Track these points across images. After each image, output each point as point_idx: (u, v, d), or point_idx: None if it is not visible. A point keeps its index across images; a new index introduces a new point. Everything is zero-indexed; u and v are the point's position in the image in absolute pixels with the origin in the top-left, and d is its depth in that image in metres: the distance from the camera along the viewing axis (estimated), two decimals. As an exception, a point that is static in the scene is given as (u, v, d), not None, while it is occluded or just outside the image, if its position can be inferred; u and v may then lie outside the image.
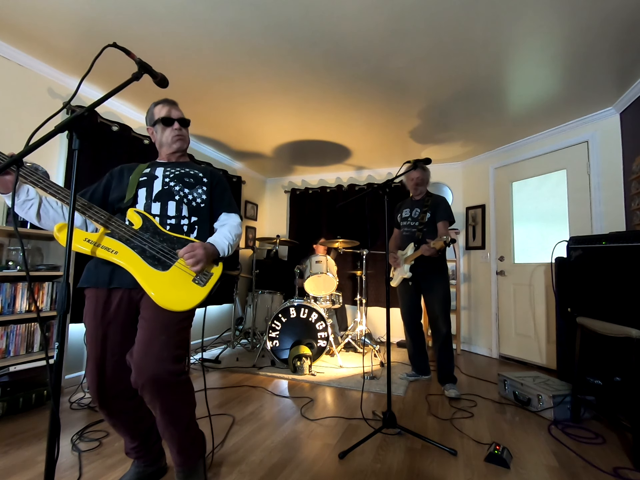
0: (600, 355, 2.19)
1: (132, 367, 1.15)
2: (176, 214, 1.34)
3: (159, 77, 1.19)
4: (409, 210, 2.80)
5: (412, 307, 2.77)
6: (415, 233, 2.69)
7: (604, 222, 2.88)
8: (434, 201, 2.70)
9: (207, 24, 2.01)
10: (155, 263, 1.21)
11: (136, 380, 1.14)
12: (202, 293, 1.23)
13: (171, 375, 1.16)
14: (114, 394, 1.24)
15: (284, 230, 5.20)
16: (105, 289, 1.24)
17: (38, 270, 2.22)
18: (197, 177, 1.44)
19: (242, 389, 2.57)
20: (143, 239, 1.24)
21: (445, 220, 2.63)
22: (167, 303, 1.17)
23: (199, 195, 1.41)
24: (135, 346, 1.18)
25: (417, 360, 2.83)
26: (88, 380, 1.22)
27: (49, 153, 2.54)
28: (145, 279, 1.18)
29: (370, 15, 1.91)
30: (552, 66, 2.34)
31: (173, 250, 1.26)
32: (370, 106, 2.97)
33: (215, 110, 3.12)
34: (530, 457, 1.70)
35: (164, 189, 1.35)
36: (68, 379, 2.53)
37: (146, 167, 1.41)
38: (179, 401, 1.21)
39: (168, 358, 1.16)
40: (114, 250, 1.19)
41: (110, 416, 1.27)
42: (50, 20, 2.01)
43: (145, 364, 1.13)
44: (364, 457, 1.66)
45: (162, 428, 1.22)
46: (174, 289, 1.19)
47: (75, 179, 0.91)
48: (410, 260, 2.63)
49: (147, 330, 1.19)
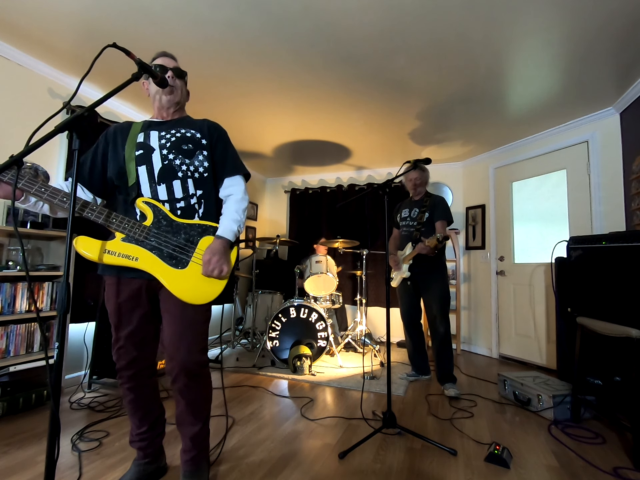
0: (600, 355, 2.19)
1: (165, 357, 1.26)
2: (184, 194, 1.31)
3: (159, 77, 1.19)
4: (408, 211, 2.81)
5: (411, 306, 2.77)
6: (413, 233, 2.70)
7: (604, 222, 2.88)
8: (433, 201, 2.72)
9: (206, 24, 2.01)
10: (174, 262, 1.25)
11: (171, 369, 1.26)
12: (221, 284, 1.29)
13: (199, 366, 1.27)
14: (135, 370, 1.32)
15: (284, 230, 5.20)
16: (125, 278, 1.28)
17: (38, 270, 2.22)
18: (195, 141, 1.36)
19: (242, 389, 2.57)
20: (157, 236, 1.25)
21: (444, 220, 2.64)
22: (191, 299, 1.24)
23: (200, 164, 1.35)
24: (166, 339, 1.27)
25: (416, 360, 2.83)
26: (114, 357, 1.32)
27: (49, 153, 2.54)
28: (169, 281, 1.23)
29: (370, 15, 1.91)
30: (552, 66, 2.34)
31: (187, 242, 1.28)
32: (370, 106, 2.97)
33: (215, 110, 3.12)
34: (530, 457, 1.70)
35: (165, 166, 1.29)
36: (68, 379, 2.53)
37: (139, 131, 1.34)
38: (202, 392, 1.33)
39: (197, 350, 1.27)
40: (134, 257, 1.22)
41: (131, 390, 1.33)
42: (50, 20, 2.01)
43: (179, 356, 1.24)
44: (364, 457, 1.66)
45: (183, 418, 1.32)
46: (195, 285, 1.25)
47: (75, 179, 0.91)
48: (408, 259, 2.65)
49: (175, 324, 1.26)
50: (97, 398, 2.31)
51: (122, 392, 1.36)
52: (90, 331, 2.62)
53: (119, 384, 1.36)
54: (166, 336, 1.27)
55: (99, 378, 2.52)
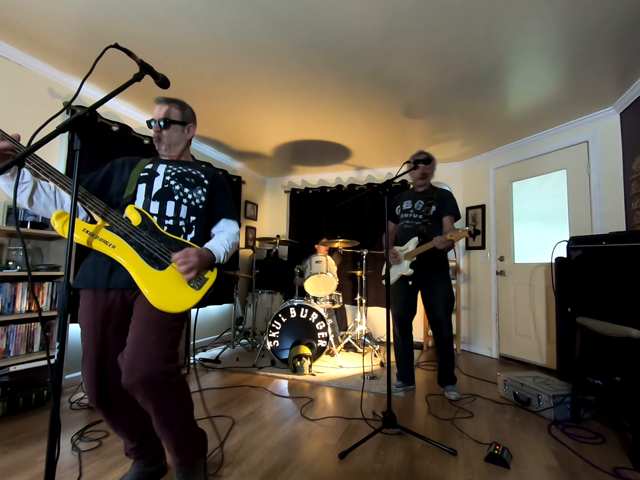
0: (600, 355, 2.19)
1: (122, 367, 1.14)
2: (174, 214, 1.33)
3: (160, 77, 1.19)
4: (411, 202, 2.59)
5: (408, 307, 2.56)
6: (419, 227, 2.48)
7: (604, 222, 2.88)
8: (440, 194, 2.53)
9: (207, 24, 2.01)
10: (152, 261, 1.21)
11: (126, 381, 1.12)
12: (196, 296, 1.23)
13: (163, 375, 1.14)
14: (110, 394, 1.23)
15: (284, 230, 5.20)
16: (101, 289, 1.23)
17: (38, 270, 2.22)
18: (199, 178, 1.43)
19: (242, 389, 2.57)
20: (141, 236, 1.23)
21: (452, 215, 2.46)
22: (160, 303, 1.16)
23: (198, 197, 1.40)
24: (126, 346, 1.17)
25: (404, 367, 2.61)
26: (84, 380, 1.21)
27: (49, 153, 2.53)
28: (141, 276, 1.17)
29: (370, 15, 1.91)
30: (552, 66, 2.34)
31: (170, 251, 1.25)
32: (370, 106, 2.97)
33: (215, 110, 3.12)
34: (530, 457, 1.70)
35: (164, 188, 1.34)
36: (68, 379, 2.53)
37: (149, 163, 1.41)
38: (173, 401, 1.19)
39: (159, 357, 1.15)
40: (112, 244, 1.18)
41: (108, 416, 1.27)
42: (50, 20, 2.01)
43: (136, 364, 1.12)
44: (364, 457, 1.66)
45: (158, 429, 1.21)
46: (168, 290, 1.19)
47: (76, 179, 0.91)
48: (412, 255, 2.44)
49: (138, 329, 1.18)
50: (97, 398, 2.31)
51: (103, 418, 1.29)
52: (91, 331, 2.61)
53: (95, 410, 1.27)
54: (127, 343, 1.17)
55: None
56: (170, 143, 1.43)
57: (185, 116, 1.47)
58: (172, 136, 1.43)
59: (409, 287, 2.55)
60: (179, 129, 1.45)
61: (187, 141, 1.49)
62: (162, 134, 1.41)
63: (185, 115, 1.47)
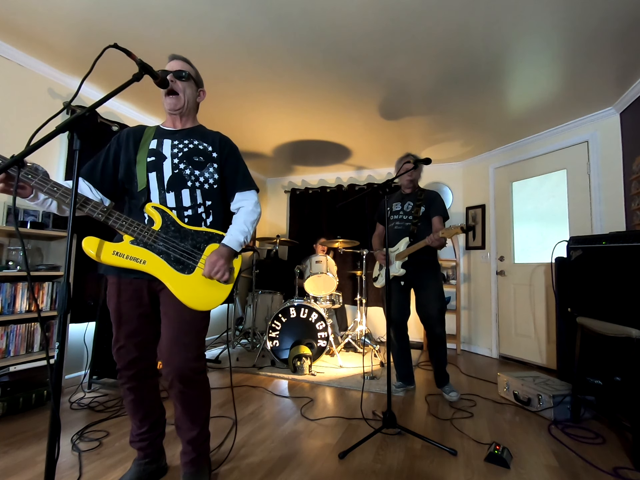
0: (600, 355, 2.19)
1: (162, 362, 1.26)
2: (191, 203, 1.33)
3: (160, 77, 1.19)
4: (400, 204, 2.63)
5: (403, 307, 2.55)
6: (409, 227, 2.53)
7: (604, 222, 2.88)
8: (428, 195, 2.57)
9: (206, 23, 2.01)
10: (180, 267, 1.26)
11: (167, 375, 1.24)
12: (226, 291, 1.32)
13: (195, 373, 1.27)
14: (135, 370, 1.32)
15: (284, 230, 5.20)
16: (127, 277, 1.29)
17: (38, 270, 2.22)
18: (207, 154, 1.38)
19: (242, 389, 2.57)
20: (166, 241, 1.26)
21: (441, 216, 2.51)
22: (197, 305, 1.25)
23: (210, 176, 1.38)
24: (163, 342, 1.27)
25: (403, 367, 2.60)
26: (114, 357, 1.32)
27: (49, 153, 2.54)
28: (175, 286, 1.24)
29: (370, 15, 1.91)
30: (552, 66, 2.34)
31: (195, 248, 1.29)
32: (370, 106, 2.97)
33: (215, 110, 3.12)
34: (530, 457, 1.70)
35: (174, 174, 1.31)
36: (68, 379, 2.53)
37: (152, 137, 1.36)
38: (199, 398, 1.32)
39: (192, 356, 1.26)
40: (142, 260, 1.23)
41: (131, 390, 1.33)
42: (50, 20, 2.01)
43: (174, 361, 1.23)
44: (364, 457, 1.66)
45: (182, 422, 1.31)
46: (201, 291, 1.27)
47: (76, 179, 0.91)
48: (404, 256, 2.45)
49: (172, 329, 1.27)
50: (97, 398, 2.31)
51: (123, 392, 1.36)
52: (90, 331, 2.62)
53: (119, 384, 1.36)
54: (163, 340, 1.27)
55: (99, 378, 2.52)
56: (185, 103, 1.36)
57: (199, 79, 1.45)
58: (186, 91, 1.36)
59: (401, 288, 2.55)
60: (194, 87, 1.40)
61: (197, 105, 1.46)
62: (178, 85, 1.33)
63: (199, 78, 1.45)
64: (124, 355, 1.30)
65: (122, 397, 1.39)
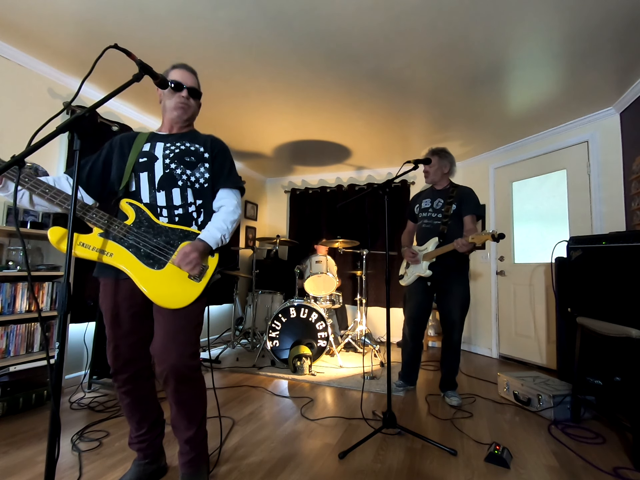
0: (600, 355, 2.19)
1: (155, 360, 1.24)
2: (182, 202, 1.33)
3: (160, 78, 1.19)
4: (430, 201, 2.47)
5: (424, 309, 2.48)
6: (439, 226, 2.38)
7: (604, 222, 2.88)
8: (461, 192, 2.40)
9: (206, 23, 2.01)
10: (150, 262, 1.22)
11: (161, 372, 1.22)
12: (198, 289, 1.26)
13: (189, 370, 1.24)
14: (130, 373, 1.31)
15: (284, 230, 5.20)
16: (120, 279, 1.28)
17: (38, 270, 2.22)
18: (198, 154, 1.38)
19: (242, 389, 2.57)
20: (137, 235, 1.24)
21: (473, 215, 2.34)
22: (163, 302, 1.20)
23: (201, 175, 1.38)
24: (156, 340, 1.25)
25: (411, 369, 2.58)
26: (109, 359, 1.30)
27: (49, 153, 2.54)
28: (142, 280, 1.20)
29: (371, 15, 1.91)
30: (552, 66, 2.34)
31: (167, 244, 1.26)
32: (370, 106, 2.97)
33: (215, 110, 3.12)
34: (530, 457, 1.70)
35: (166, 174, 1.32)
36: (68, 379, 2.53)
37: (146, 142, 1.37)
38: (195, 396, 1.30)
39: (188, 353, 1.24)
40: (109, 252, 1.20)
41: (127, 393, 1.33)
42: (50, 20, 2.01)
43: (168, 357, 1.21)
44: (364, 457, 1.66)
45: (179, 421, 1.29)
46: (169, 288, 1.22)
47: (76, 179, 0.92)
48: (432, 257, 2.33)
49: (166, 325, 1.24)
50: (97, 398, 2.31)
51: (119, 396, 1.34)
52: (90, 331, 2.62)
53: (115, 388, 1.35)
54: (157, 337, 1.25)
55: (99, 378, 2.52)
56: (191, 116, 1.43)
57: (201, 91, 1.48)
58: (194, 110, 1.43)
59: (426, 289, 2.46)
60: (199, 103, 1.46)
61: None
62: (190, 103, 1.39)
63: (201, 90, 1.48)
64: (118, 357, 1.28)
65: (119, 401, 1.38)
